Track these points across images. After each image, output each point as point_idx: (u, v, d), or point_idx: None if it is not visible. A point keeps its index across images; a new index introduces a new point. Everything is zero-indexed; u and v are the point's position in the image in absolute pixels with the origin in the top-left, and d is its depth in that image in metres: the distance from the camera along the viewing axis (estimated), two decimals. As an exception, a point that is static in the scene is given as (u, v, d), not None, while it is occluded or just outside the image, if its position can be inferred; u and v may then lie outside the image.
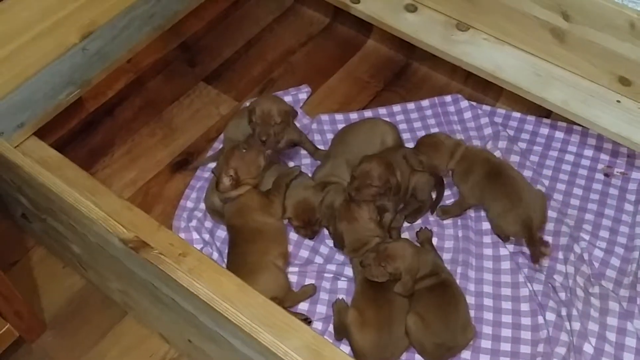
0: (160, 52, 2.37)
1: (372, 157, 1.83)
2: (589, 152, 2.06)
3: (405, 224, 1.93)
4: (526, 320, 1.73)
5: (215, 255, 1.87)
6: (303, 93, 2.27)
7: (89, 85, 2.00)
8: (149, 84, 2.32)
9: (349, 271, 1.85)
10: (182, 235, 1.89)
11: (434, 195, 1.95)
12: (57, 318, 1.84)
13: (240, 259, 1.76)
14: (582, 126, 1.97)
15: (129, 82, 2.30)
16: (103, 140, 2.18)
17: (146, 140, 2.19)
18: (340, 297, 1.78)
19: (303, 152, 2.11)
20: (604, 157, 2.05)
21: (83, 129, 2.20)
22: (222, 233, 1.94)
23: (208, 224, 1.96)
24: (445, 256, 1.85)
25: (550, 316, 1.71)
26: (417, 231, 1.89)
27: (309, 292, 1.80)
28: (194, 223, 1.93)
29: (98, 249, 1.58)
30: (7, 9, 1.74)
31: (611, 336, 1.70)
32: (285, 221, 1.89)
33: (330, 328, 1.75)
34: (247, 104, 2.19)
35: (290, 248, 1.90)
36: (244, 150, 1.81)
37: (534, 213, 1.79)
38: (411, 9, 2.13)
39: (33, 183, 1.55)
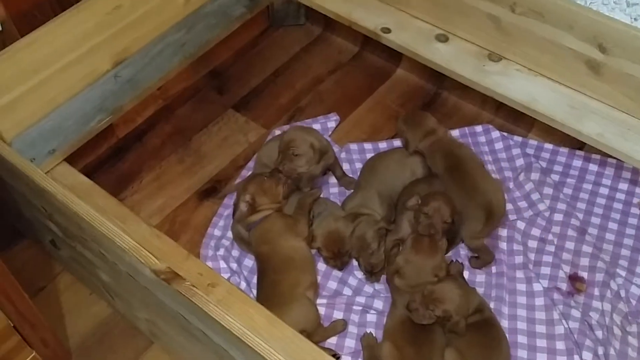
0: (189, 80, 2.38)
1: (436, 193, 1.80)
2: (624, 186, 2.02)
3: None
4: None
5: (243, 285, 1.85)
6: (332, 121, 2.26)
7: (120, 112, 2.01)
8: (178, 111, 2.33)
9: (378, 304, 1.81)
10: (210, 264, 1.87)
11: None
12: (83, 346, 1.82)
13: (270, 289, 1.74)
14: (617, 159, 1.93)
15: (158, 109, 2.31)
16: (132, 166, 2.18)
17: (174, 167, 2.18)
18: (369, 331, 1.74)
19: (331, 181, 2.09)
20: (640, 190, 2.01)
21: (112, 155, 2.20)
22: (249, 262, 1.92)
23: (235, 252, 1.94)
24: (477, 291, 1.81)
25: (587, 355, 1.66)
26: (448, 264, 1.85)
27: (339, 328, 1.77)
28: (221, 252, 1.92)
29: (127, 278, 1.57)
30: (42, 37, 1.75)
31: (650, 377, 1.65)
32: (314, 251, 1.87)
33: (360, 363, 1.71)
34: (276, 131, 2.20)
35: (319, 279, 1.87)
36: (265, 178, 1.84)
37: (493, 197, 1.80)
38: (442, 39, 2.12)
39: (65, 211, 1.54)
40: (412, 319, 1.62)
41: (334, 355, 1.68)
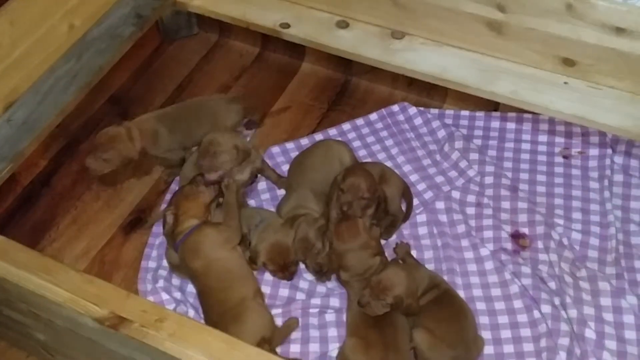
0: (89, 111, 2.25)
1: (356, 169, 1.78)
2: (543, 138, 2.06)
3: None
4: (522, 317, 1.70)
5: (191, 312, 1.76)
6: (248, 128, 2.19)
7: (21, 158, 1.87)
8: (83, 145, 2.19)
9: (334, 302, 1.77)
10: (151, 298, 1.77)
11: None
12: (31, 414, 1.68)
13: (220, 307, 1.65)
14: (533, 113, 1.97)
15: (62, 147, 2.17)
16: (44, 213, 2.03)
17: (91, 205, 2.05)
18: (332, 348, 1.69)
19: (261, 187, 2.03)
20: (559, 139, 2.05)
21: (21, 205, 2.05)
22: (193, 288, 1.82)
23: (176, 281, 1.85)
24: (427, 267, 1.80)
25: (546, 308, 1.68)
26: (394, 247, 1.83)
27: (293, 326, 1.72)
28: (160, 283, 1.81)
29: (67, 332, 1.45)
30: None
31: (608, 317, 1.68)
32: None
33: (327, 365, 1.66)
34: (193, 149, 2.10)
35: (269, 289, 1.81)
36: (186, 186, 1.78)
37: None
38: (343, 25, 2.10)
39: (-16, 276, 1.40)
40: (367, 313, 1.57)
41: (301, 364, 1.63)
